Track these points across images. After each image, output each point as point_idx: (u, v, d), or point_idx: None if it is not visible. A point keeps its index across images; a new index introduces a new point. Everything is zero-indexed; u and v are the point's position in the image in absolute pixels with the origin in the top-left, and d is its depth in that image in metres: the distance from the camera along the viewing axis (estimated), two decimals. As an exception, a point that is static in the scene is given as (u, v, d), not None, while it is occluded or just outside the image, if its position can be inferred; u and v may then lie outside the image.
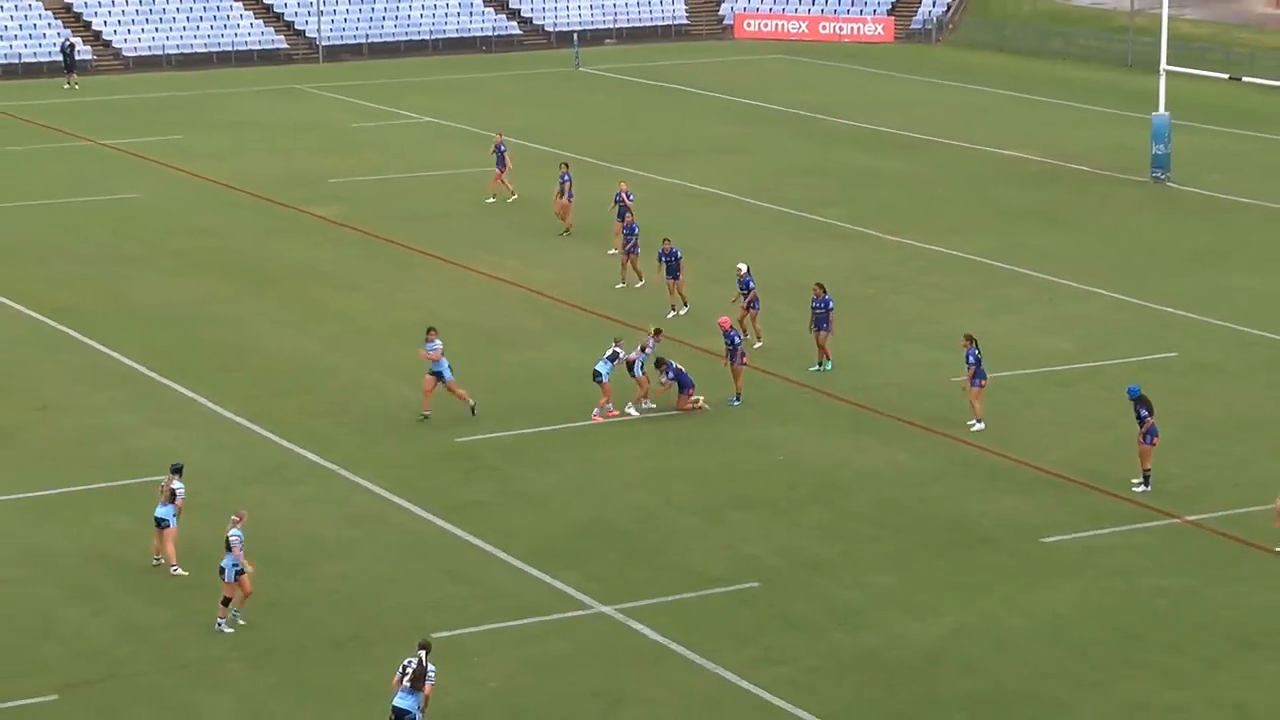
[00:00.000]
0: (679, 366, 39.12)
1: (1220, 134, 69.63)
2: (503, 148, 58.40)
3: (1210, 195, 60.41)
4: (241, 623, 29.29)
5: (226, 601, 29.19)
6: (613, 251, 50.52)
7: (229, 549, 28.98)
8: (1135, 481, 34.92)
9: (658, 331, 39.93)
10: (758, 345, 42.98)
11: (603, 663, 28.61)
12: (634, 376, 39.04)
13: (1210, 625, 29.87)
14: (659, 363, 39.12)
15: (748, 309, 43.62)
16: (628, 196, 51.47)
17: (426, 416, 38.47)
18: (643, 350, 39.19)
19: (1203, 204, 59.53)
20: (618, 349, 38.84)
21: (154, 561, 31.52)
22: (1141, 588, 31.21)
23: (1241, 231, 56.03)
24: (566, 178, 54.25)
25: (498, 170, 58.09)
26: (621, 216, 50.68)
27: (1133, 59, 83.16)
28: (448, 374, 38.49)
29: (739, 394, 39.68)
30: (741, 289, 43.81)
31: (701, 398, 39.19)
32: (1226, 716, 27.02)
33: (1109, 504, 34.59)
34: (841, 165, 65.06)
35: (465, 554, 32.64)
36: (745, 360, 39.88)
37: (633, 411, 39.01)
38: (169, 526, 31.24)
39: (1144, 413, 34.60)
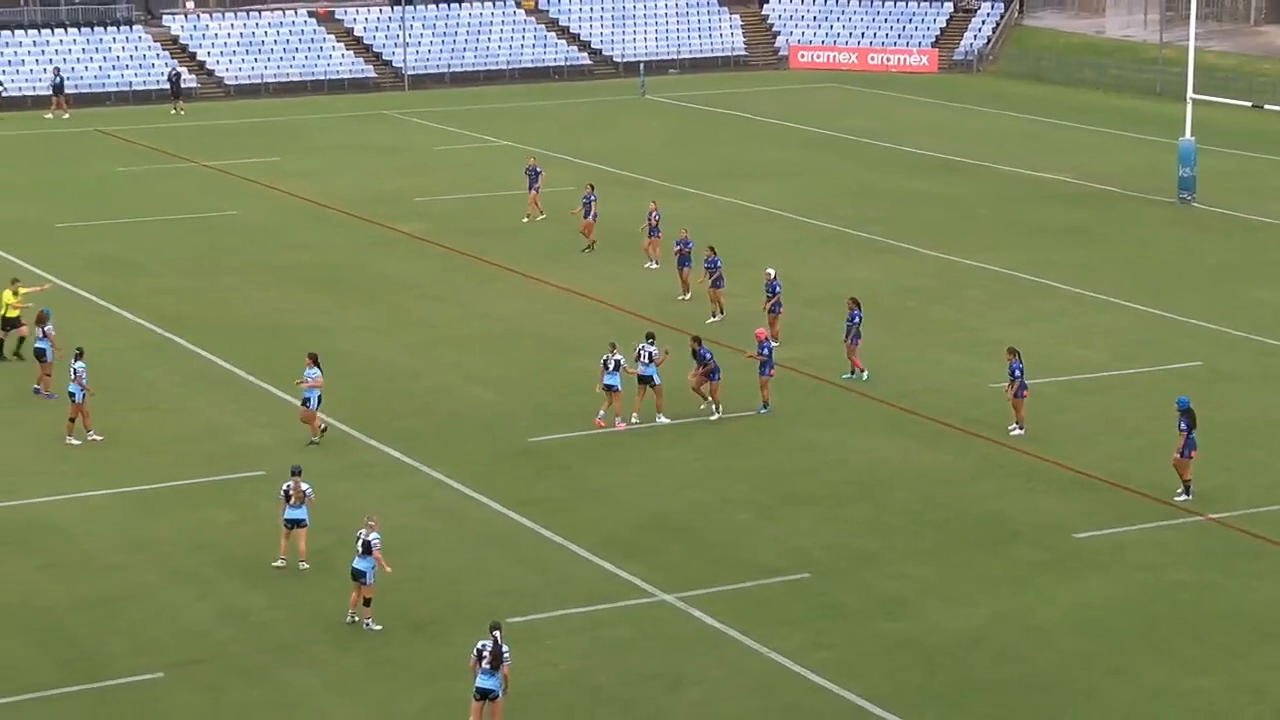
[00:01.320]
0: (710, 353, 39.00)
1: (1243, 158, 69.26)
2: (537, 170, 58.51)
3: (1233, 215, 60.12)
4: (378, 628, 29.23)
5: (368, 601, 29.12)
6: (650, 265, 51.04)
7: (368, 552, 28.90)
8: (1178, 491, 34.54)
9: (649, 336, 39.29)
10: (775, 345, 43.10)
11: (665, 646, 28.69)
12: (653, 386, 38.69)
13: (1230, 616, 29.77)
14: (696, 349, 38.83)
15: (771, 311, 43.82)
16: (653, 216, 51.65)
17: (315, 442, 37.62)
18: (650, 360, 38.53)
19: (1226, 223, 59.24)
20: (617, 356, 38.37)
21: (279, 563, 31.41)
22: (1166, 581, 31.13)
23: (1262, 249, 55.73)
24: (591, 198, 54.27)
25: (530, 191, 58.19)
26: (653, 234, 50.96)
27: (1161, 88, 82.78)
28: (313, 404, 37.56)
29: (766, 402, 39.55)
30: (768, 292, 43.94)
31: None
32: (1245, 701, 26.92)
33: (1136, 503, 34.49)
34: (886, 186, 65.00)
35: (537, 545, 32.78)
36: (773, 371, 39.66)
37: (664, 419, 38.81)
38: (306, 526, 31.33)
39: (1184, 425, 34.30)
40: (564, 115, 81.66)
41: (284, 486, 31.39)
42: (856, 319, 41.47)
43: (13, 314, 42.53)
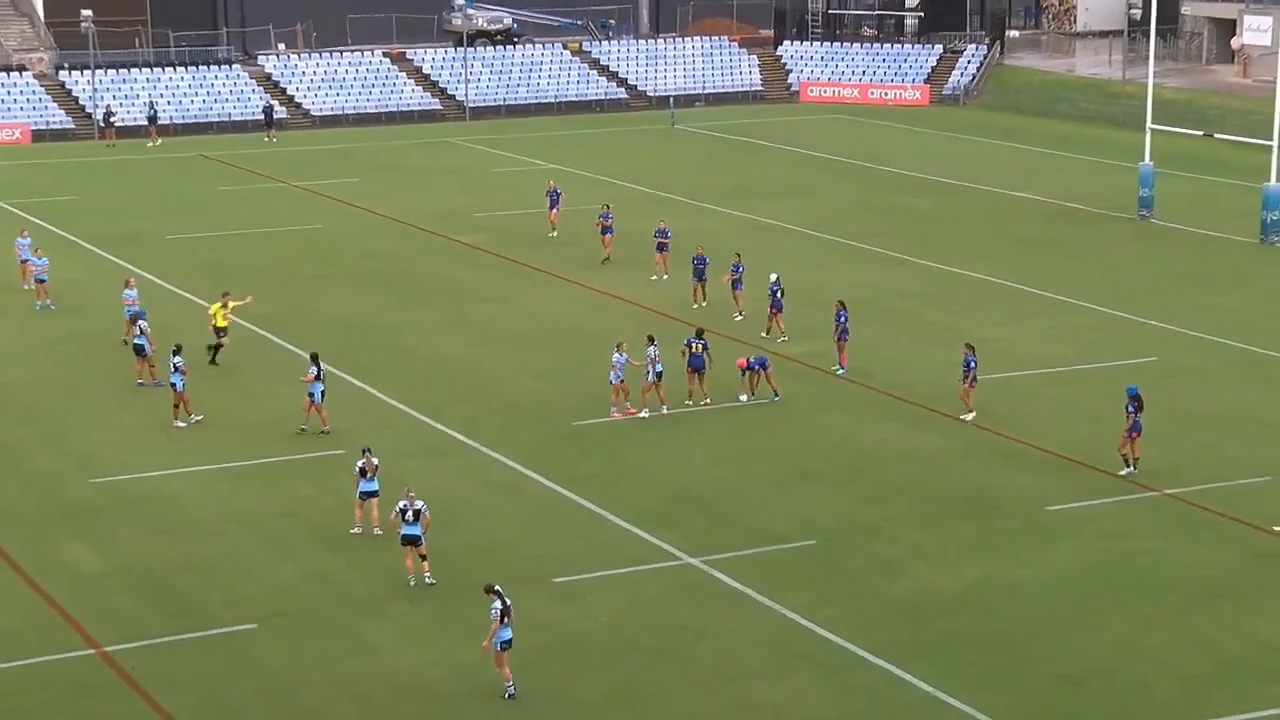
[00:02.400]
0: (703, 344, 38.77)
1: (1195, 180, 68.86)
2: (557, 192, 58.20)
3: (1186, 230, 59.81)
4: (433, 581, 29.29)
5: (424, 558, 29.20)
6: (654, 277, 50.32)
7: (417, 519, 28.89)
8: (1125, 472, 34.41)
9: (650, 338, 38.66)
10: (781, 340, 43.03)
11: (691, 603, 28.67)
12: (657, 382, 38.06)
13: (1184, 579, 29.66)
14: (699, 335, 38.91)
15: (772, 309, 44.07)
16: (663, 234, 51.07)
17: (305, 429, 37.17)
18: (654, 361, 37.94)
19: (1180, 237, 58.94)
20: (621, 355, 37.86)
21: (356, 530, 31.39)
22: (1127, 548, 31.00)
23: (1212, 260, 55.45)
24: (608, 216, 53.84)
25: (551, 211, 57.63)
26: (661, 249, 50.42)
27: (1124, 119, 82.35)
28: (318, 397, 37.00)
29: (776, 391, 39.47)
30: (769, 293, 44.08)
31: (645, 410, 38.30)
32: (1196, 652, 26.83)
33: (1102, 480, 34.35)
34: (886, 204, 64.80)
35: (581, 515, 32.76)
36: (770, 367, 39.40)
37: (645, 413, 38.23)
38: (378, 496, 31.22)
39: (1132, 409, 34.26)
40: (604, 142, 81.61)
41: (358, 464, 31.37)
42: (843, 319, 41.45)
43: (221, 324, 42.16)
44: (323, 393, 37.19)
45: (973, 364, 37.58)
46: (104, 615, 28.22)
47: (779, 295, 44.31)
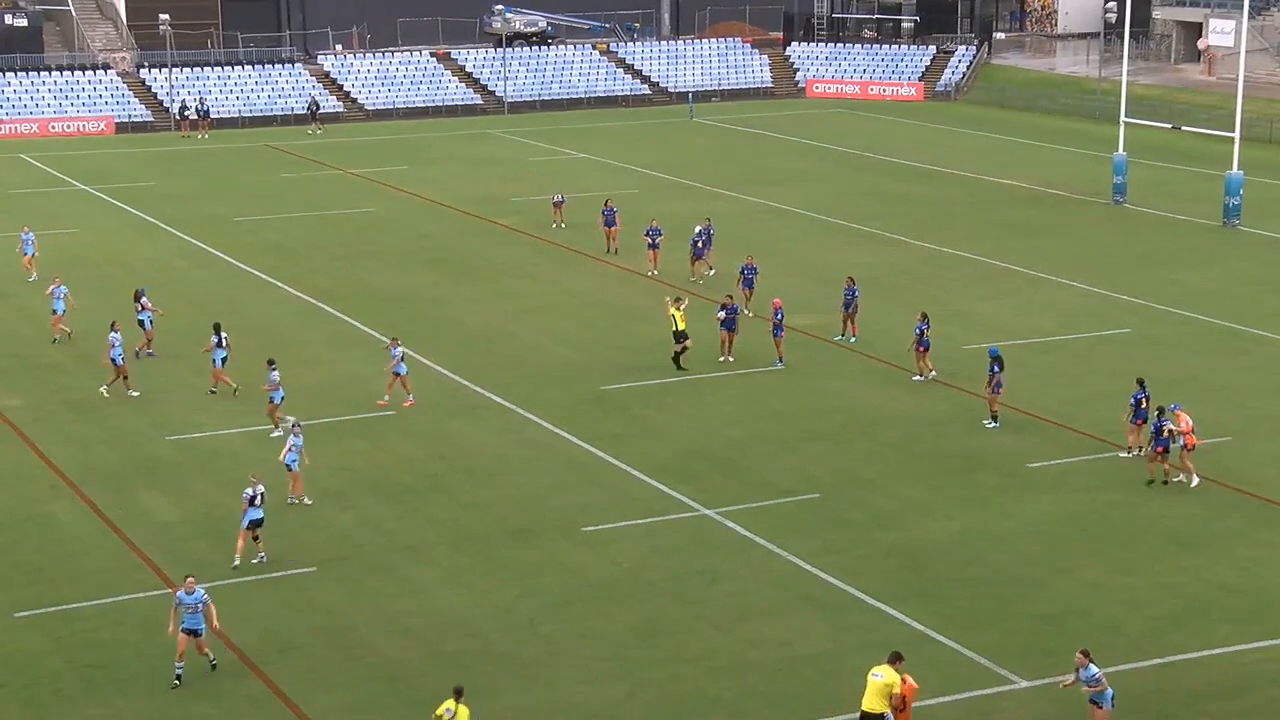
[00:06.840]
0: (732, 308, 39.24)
1: (1164, 169, 68.45)
2: (562, 199, 57.24)
3: (1156, 214, 59.45)
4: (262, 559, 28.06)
5: (257, 538, 28.05)
6: (651, 273, 48.86)
7: (258, 502, 27.68)
8: (986, 421, 34.57)
9: (394, 339, 36.66)
10: (707, 276, 44.85)
11: (706, 550, 28.64)
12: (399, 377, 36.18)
13: (1151, 528, 29.54)
14: (726, 304, 39.38)
15: (695, 256, 46.98)
16: (656, 232, 49.90)
17: (214, 392, 37.06)
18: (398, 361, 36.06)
19: (1150, 220, 58.60)
20: (396, 349, 36.08)
21: (290, 501, 30.42)
22: (1101, 501, 30.88)
23: (1179, 240, 55.12)
24: (612, 210, 52.83)
25: (556, 209, 56.87)
26: (654, 245, 48.84)
27: (1100, 113, 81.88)
28: (218, 363, 36.77)
29: (780, 358, 39.39)
30: (691, 242, 46.75)
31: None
32: (1161, 594, 26.74)
33: (1077, 439, 34.21)
34: (882, 190, 64.53)
35: (607, 470, 32.73)
36: (783, 334, 39.35)
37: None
38: (293, 471, 30.45)
39: (996, 369, 34.42)
40: (629, 134, 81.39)
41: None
42: (853, 294, 41.31)
43: (682, 326, 39.04)
44: (224, 359, 36.96)
45: (919, 330, 37.51)
46: (179, 558, 28.29)
47: (699, 244, 46.20)
